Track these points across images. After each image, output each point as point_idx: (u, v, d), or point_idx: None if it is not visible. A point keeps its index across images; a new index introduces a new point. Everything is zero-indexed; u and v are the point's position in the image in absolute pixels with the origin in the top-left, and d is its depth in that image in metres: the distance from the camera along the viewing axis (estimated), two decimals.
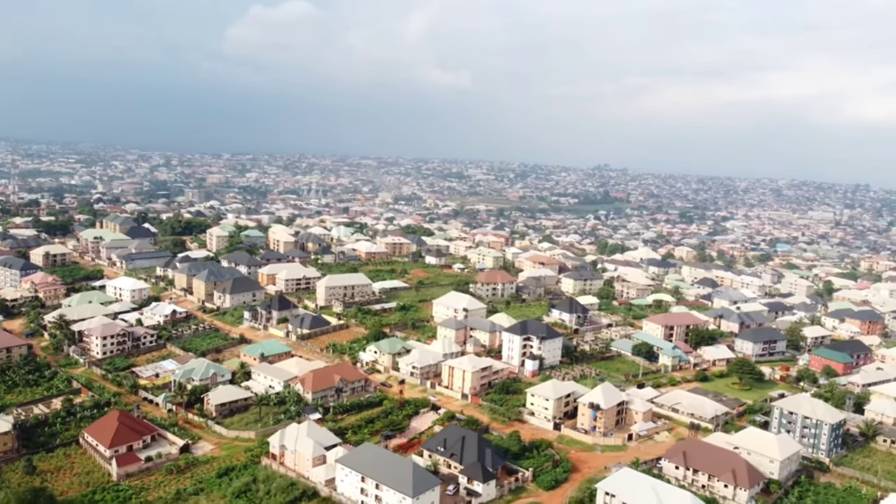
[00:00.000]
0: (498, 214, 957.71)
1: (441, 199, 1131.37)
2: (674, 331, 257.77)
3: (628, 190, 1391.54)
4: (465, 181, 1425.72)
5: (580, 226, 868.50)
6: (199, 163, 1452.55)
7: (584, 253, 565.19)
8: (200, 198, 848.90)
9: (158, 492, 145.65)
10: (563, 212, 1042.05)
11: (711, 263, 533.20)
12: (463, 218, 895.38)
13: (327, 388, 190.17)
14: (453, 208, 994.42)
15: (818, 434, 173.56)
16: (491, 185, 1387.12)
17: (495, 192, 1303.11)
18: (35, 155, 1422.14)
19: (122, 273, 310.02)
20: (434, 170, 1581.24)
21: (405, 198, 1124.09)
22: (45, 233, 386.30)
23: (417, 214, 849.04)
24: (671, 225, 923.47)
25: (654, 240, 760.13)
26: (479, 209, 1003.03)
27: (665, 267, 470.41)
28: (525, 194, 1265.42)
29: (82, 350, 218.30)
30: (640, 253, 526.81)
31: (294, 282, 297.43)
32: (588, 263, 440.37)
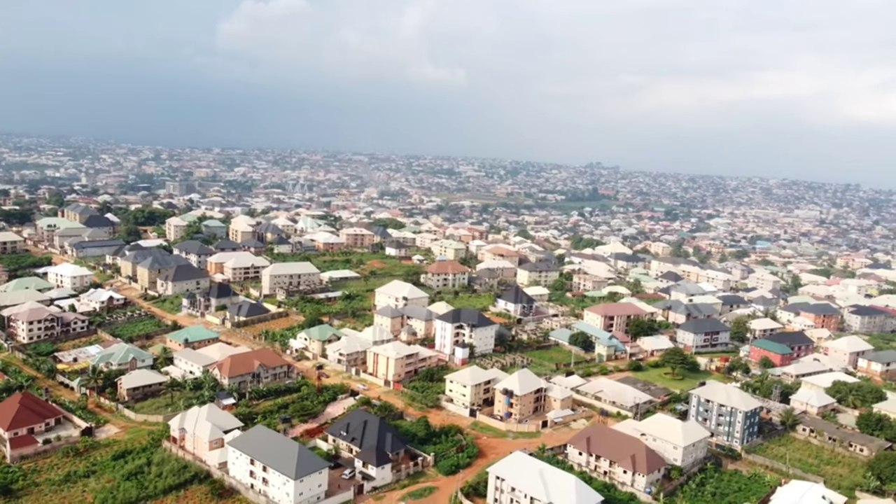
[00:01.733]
0: (482, 210, 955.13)
1: (427, 194, 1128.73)
2: (614, 321, 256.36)
3: (617, 188, 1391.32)
4: (454, 178, 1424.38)
5: (562, 222, 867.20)
6: (188, 157, 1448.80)
7: (557, 247, 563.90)
8: (182, 191, 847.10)
9: (50, 474, 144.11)
10: (549, 208, 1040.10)
11: (683, 259, 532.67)
12: (446, 213, 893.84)
13: (245, 373, 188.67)
14: (438, 204, 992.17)
15: (732, 422, 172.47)
16: (480, 182, 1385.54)
17: (483, 188, 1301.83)
18: (24, 148, 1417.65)
19: (72, 261, 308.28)
20: (425, 166, 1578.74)
21: (392, 193, 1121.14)
22: (5, 221, 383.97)
23: (399, 209, 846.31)
24: (654, 222, 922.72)
25: (634, 236, 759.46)
26: (463, 205, 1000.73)
27: (634, 261, 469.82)
28: (513, 191, 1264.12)
29: (8, 335, 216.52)
30: (611, 248, 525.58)
31: (242, 270, 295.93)
32: (553, 257, 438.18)
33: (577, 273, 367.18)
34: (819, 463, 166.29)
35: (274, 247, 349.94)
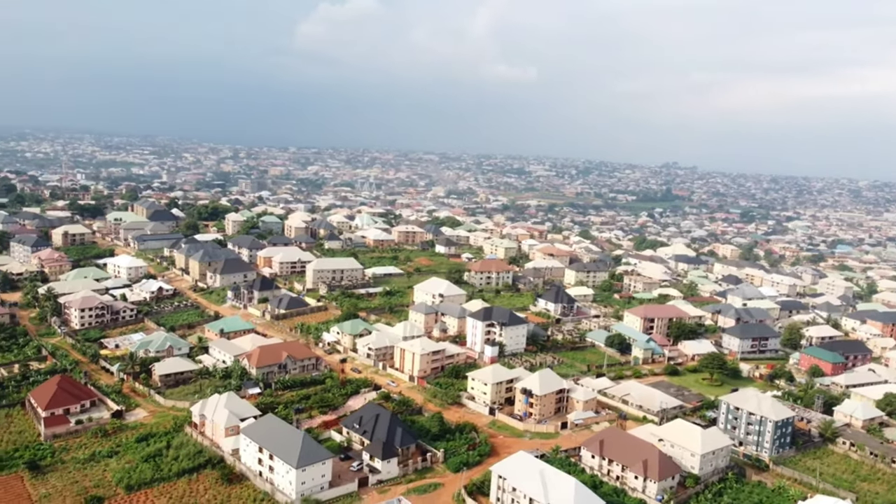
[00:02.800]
0: (548, 210, 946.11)
1: (494, 193, 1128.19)
2: (654, 323, 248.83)
3: (693, 189, 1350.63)
4: (524, 177, 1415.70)
5: (629, 223, 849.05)
6: (265, 156, 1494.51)
7: (618, 248, 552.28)
8: (253, 188, 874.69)
9: (77, 452, 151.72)
10: (618, 209, 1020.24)
11: (751, 262, 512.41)
12: (511, 212, 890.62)
13: (273, 364, 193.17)
14: (504, 203, 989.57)
15: (762, 431, 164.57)
16: (550, 182, 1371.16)
17: (553, 188, 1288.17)
18: (114, 147, 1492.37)
19: (134, 253, 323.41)
20: (495, 166, 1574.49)
21: (459, 192, 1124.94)
22: (79, 215, 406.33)
23: (463, 208, 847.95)
24: (728, 224, 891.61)
25: (703, 238, 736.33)
26: (529, 204, 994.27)
27: (696, 264, 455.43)
28: (582, 191, 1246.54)
29: (63, 321, 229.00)
30: (673, 249, 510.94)
31: (289, 264, 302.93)
32: (609, 258, 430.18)
33: (628, 274, 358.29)
34: (855, 479, 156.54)
35: (324, 242, 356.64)
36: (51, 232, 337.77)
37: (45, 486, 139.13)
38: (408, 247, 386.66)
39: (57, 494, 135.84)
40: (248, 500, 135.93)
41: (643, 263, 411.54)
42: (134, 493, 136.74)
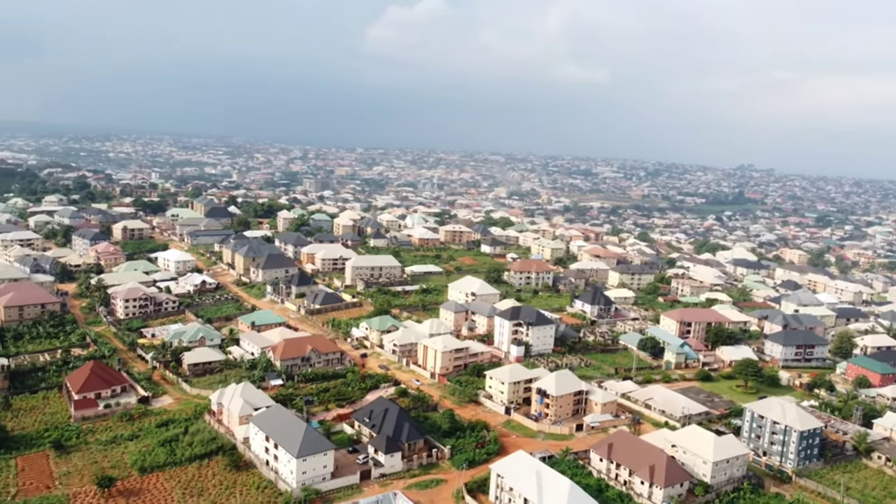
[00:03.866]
0: (611, 212, 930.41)
1: (557, 195, 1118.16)
2: (691, 328, 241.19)
3: (767, 191, 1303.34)
4: (590, 179, 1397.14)
5: (694, 226, 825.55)
6: (332, 156, 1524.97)
7: (677, 251, 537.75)
8: (316, 187, 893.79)
9: (101, 435, 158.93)
10: (684, 211, 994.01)
11: (819, 268, 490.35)
12: (572, 214, 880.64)
13: (297, 357, 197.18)
14: (565, 204, 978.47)
15: (786, 441, 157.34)
16: (616, 184, 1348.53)
17: (619, 190, 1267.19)
18: (191, 147, 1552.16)
19: (186, 248, 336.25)
20: (562, 167, 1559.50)
21: (521, 193, 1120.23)
22: (142, 211, 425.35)
23: (523, 209, 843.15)
24: (800, 228, 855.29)
25: (772, 242, 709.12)
26: (592, 206, 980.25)
27: (756, 268, 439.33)
28: (649, 193, 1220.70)
29: (109, 311, 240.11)
30: (733, 253, 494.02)
31: (331, 261, 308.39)
32: (661, 261, 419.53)
33: (677, 277, 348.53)
34: (885, 496, 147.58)
35: (370, 240, 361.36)
36: (112, 227, 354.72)
37: (67, 464, 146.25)
38: (454, 246, 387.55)
39: (76, 473, 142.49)
40: (252, 487, 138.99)
41: (697, 267, 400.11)
42: (147, 475, 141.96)
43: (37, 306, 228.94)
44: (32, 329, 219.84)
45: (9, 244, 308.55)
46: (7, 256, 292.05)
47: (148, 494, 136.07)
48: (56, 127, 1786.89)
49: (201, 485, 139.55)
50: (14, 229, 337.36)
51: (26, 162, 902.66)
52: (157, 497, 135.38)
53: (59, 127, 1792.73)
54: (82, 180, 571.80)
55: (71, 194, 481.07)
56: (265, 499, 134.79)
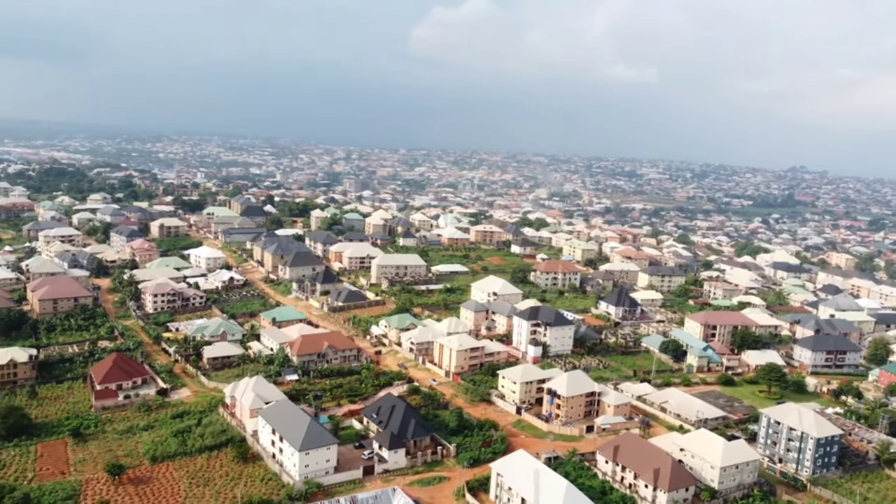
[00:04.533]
0: (653, 214, 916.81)
1: (599, 196, 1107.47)
2: (717, 331, 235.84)
3: (819, 194, 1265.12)
4: (634, 180, 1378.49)
5: (738, 228, 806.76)
6: (375, 157, 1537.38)
7: (717, 254, 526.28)
8: (356, 188, 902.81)
9: (118, 424, 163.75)
10: (730, 213, 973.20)
11: (866, 272, 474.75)
12: (612, 215, 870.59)
13: (313, 352, 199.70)
14: (607, 206, 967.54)
15: (802, 448, 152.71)
16: (661, 185, 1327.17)
17: (663, 191, 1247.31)
18: (238, 148, 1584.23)
19: (220, 245, 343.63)
20: (606, 168, 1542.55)
21: (563, 194, 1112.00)
22: (181, 209, 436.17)
23: (562, 210, 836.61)
24: (851, 231, 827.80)
25: (818, 246, 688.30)
26: (633, 207, 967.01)
27: (797, 272, 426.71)
28: (694, 195, 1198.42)
29: (139, 305, 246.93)
30: (774, 256, 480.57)
31: (358, 259, 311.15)
32: (696, 263, 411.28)
33: (710, 280, 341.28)
34: None
35: (399, 239, 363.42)
36: (150, 224, 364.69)
37: (83, 452, 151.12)
38: (484, 246, 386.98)
39: (91, 460, 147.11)
40: (257, 479, 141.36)
41: (734, 270, 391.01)
42: (157, 465, 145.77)
43: (70, 300, 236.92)
44: (65, 321, 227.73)
45: (51, 240, 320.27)
46: (48, 252, 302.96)
47: (156, 483, 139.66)
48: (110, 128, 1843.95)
49: (208, 475, 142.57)
50: (57, 226, 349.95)
51: (80, 162, 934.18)
52: (165, 485, 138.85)
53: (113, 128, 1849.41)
54: (128, 179, 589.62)
55: (116, 193, 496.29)
56: (268, 491, 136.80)
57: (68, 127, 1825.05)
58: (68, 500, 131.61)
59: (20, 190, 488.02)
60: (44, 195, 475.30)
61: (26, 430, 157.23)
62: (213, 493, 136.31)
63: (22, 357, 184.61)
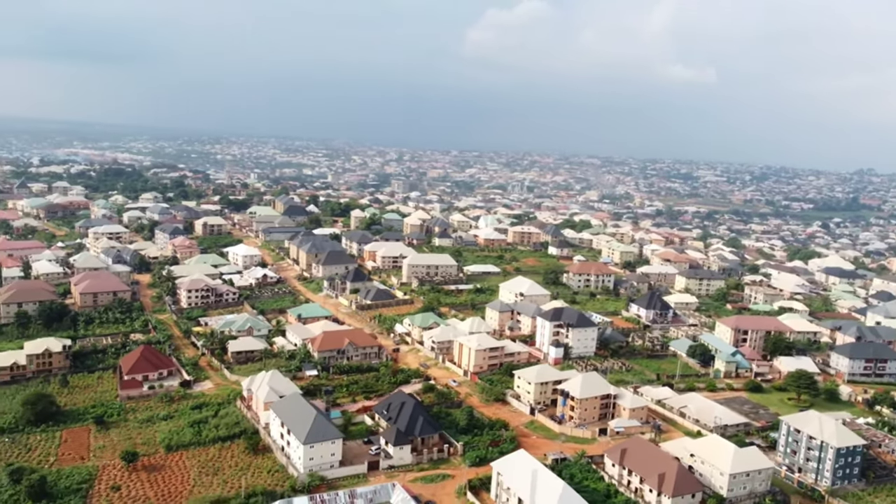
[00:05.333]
0: (706, 216, 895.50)
1: (652, 199, 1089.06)
2: (748, 336, 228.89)
3: (887, 197, 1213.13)
4: (690, 182, 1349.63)
5: (795, 232, 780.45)
6: (427, 158, 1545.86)
7: (767, 258, 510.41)
8: (404, 189, 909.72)
9: (140, 414, 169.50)
10: (788, 217, 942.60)
11: None
12: (663, 218, 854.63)
13: (334, 349, 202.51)
14: (658, 208, 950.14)
15: (822, 458, 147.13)
16: (717, 188, 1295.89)
17: (719, 194, 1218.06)
18: (293, 150, 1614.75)
19: (260, 244, 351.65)
20: (660, 170, 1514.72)
21: (614, 197, 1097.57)
22: (227, 208, 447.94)
23: (611, 212, 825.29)
24: None
25: (881, 251, 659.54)
26: (686, 210, 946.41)
27: (850, 278, 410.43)
28: (752, 198, 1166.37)
29: (174, 300, 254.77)
30: (827, 261, 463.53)
31: (391, 259, 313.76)
32: (743, 267, 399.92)
33: (753, 284, 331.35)
34: None
35: (435, 239, 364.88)
36: (194, 222, 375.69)
37: (104, 438, 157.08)
38: (521, 247, 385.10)
39: (110, 447, 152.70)
40: (265, 471, 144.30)
41: (781, 274, 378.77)
42: (172, 453, 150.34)
43: (109, 294, 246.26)
44: (103, 314, 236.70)
45: (99, 237, 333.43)
46: (95, 248, 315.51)
47: (168, 470, 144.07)
48: (172, 131, 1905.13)
49: (218, 465, 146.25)
50: (107, 223, 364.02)
51: (140, 163, 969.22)
52: (176, 473, 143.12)
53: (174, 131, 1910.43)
54: (180, 179, 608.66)
55: (167, 192, 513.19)
56: (274, 482, 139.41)
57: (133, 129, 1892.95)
58: (83, 483, 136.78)
59: (78, 189, 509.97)
60: (100, 194, 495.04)
61: (54, 416, 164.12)
62: (221, 482, 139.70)
63: (56, 347, 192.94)
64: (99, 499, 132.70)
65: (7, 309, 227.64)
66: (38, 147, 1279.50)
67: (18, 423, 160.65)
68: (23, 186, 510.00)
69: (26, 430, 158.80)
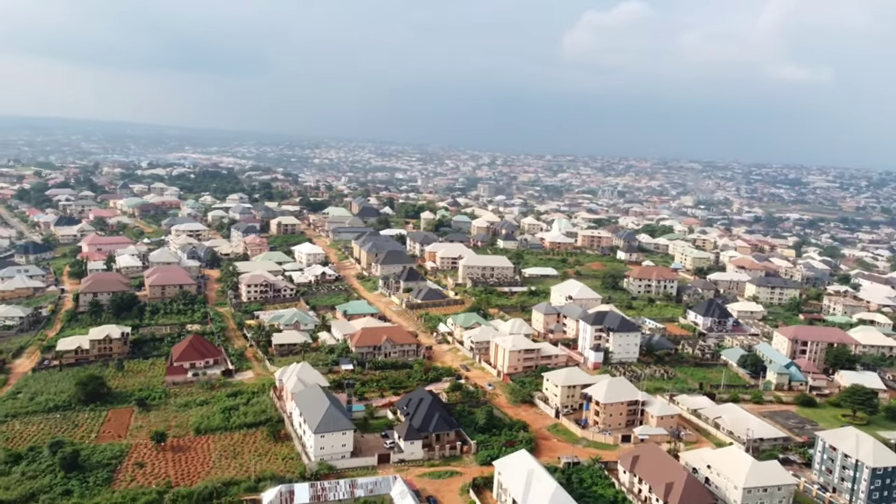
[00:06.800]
0: (809, 224, 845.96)
1: (752, 205, 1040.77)
2: (808, 347, 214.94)
3: None
4: (797, 188, 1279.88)
5: None
6: (520, 163, 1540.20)
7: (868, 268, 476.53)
8: (490, 192, 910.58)
9: (180, 398, 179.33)
10: None
11: None
12: (761, 225, 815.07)
13: (371, 345, 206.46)
14: (757, 215, 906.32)
15: (857, 478, 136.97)
16: (827, 194, 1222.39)
17: (829, 201, 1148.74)
18: (388, 154, 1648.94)
19: (329, 243, 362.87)
20: (767, 176, 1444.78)
21: (711, 202, 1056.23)
22: (306, 209, 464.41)
23: (701, 219, 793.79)
24: None
25: None
26: (788, 217, 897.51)
27: None
28: (866, 205, 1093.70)
29: (235, 294, 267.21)
30: None
31: (450, 259, 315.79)
32: (831, 277, 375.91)
33: (833, 295, 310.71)
34: None
35: (500, 241, 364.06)
36: (270, 222, 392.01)
37: (143, 419, 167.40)
38: (590, 251, 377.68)
39: (147, 427, 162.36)
40: (280, 457, 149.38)
41: (872, 286, 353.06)
42: (200, 436, 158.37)
43: (176, 286, 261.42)
44: (168, 305, 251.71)
45: (179, 233, 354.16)
46: (174, 244, 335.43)
47: (192, 451, 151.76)
48: (276, 136, 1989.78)
49: (239, 449, 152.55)
50: (189, 221, 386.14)
51: (243, 166, 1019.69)
52: (199, 454, 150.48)
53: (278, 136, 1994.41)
54: (269, 182, 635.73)
55: (254, 193, 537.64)
56: (286, 468, 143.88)
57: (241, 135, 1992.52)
58: (114, 459, 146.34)
59: (173, 190, 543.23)
60: (192, 195, 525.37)
61: (102, 396, 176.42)
62: (238, 465, 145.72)
63: (116, 334, 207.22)
64: (124, 474, 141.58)
65: (84, 298, 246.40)
66: (152, 151, 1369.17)
67: (71, 401, 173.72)
68: (125, 187, 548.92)
69: (77, 408, 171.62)
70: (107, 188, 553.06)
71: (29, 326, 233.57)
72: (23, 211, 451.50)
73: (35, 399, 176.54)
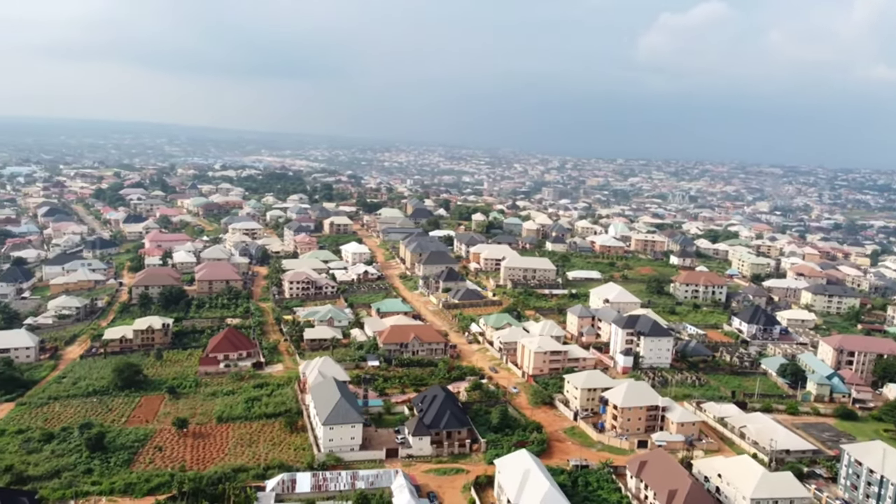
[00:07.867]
0: (892, 232, 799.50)
1: (834, 211, 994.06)
2: (855, 358, 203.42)
3: None
4: (887, 195, 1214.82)
5: None
6: (590, 167, 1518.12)
7: None
8: (554, 196, 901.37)
9: (210, 388, 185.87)
10: None
11: None
12: (840, 232, 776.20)
13: (399, 342, 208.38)
14: (836, 222, 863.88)
15: (882, 495, 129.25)
16: None
17: None
18: (457, 158, 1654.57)
19: (378, 243, 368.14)
20: (854, 181, 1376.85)
21: (789, 208, 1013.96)
22: (361, 210, 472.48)
23: (775, 225, 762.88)
24: None
25: None
26: (871, 225, 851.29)
27: None
28: None
29: (279, 290, 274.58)
30: None
31: (493, 261, 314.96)
32: None
33: None
34: None
35: (548, 244, 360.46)
36: (323, 221, 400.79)
37: (171, 406, 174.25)
38: (642, 255, 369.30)
39: (174, 414, 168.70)
40: (293, 448, 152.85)
41: None
42: (221, 424, 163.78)
43: (223, 282, 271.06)
44: (214, 300, 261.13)
45: (235, 231, 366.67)
46: (229, 241, 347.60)
47: (211, 438, 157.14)
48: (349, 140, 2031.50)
49: (256, 438, 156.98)
50: (246, 220, 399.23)
51: (314, 169, 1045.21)
52: (217, 441, 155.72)
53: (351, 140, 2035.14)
54: (331, 183, 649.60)
55: (315, 194, 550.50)
56: (296, 458, 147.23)
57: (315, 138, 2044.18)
58: (137, 442, 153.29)
59: (238, 191, 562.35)
60: (256, 195, 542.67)
61: (138, 383, 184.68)
62: (252, 453, 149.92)
63: (157, 325, 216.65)
64: (144, 456, 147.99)
65: (136, 291, 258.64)
66: (230, 154, 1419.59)
67: (109, 387, 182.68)
68: (193, 188, 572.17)
69: (113, 394, 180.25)
70: (177, 188, 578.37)
71: (84, 316, 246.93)
72: (98, 209, 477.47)
73: (77, 384, 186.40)
